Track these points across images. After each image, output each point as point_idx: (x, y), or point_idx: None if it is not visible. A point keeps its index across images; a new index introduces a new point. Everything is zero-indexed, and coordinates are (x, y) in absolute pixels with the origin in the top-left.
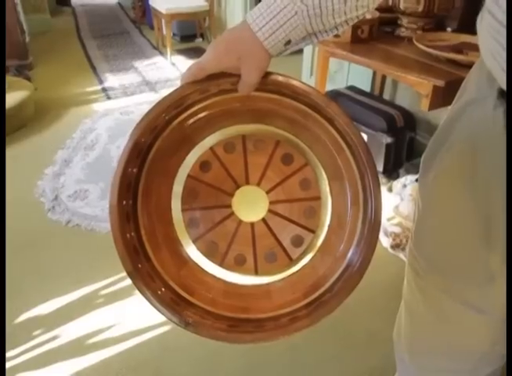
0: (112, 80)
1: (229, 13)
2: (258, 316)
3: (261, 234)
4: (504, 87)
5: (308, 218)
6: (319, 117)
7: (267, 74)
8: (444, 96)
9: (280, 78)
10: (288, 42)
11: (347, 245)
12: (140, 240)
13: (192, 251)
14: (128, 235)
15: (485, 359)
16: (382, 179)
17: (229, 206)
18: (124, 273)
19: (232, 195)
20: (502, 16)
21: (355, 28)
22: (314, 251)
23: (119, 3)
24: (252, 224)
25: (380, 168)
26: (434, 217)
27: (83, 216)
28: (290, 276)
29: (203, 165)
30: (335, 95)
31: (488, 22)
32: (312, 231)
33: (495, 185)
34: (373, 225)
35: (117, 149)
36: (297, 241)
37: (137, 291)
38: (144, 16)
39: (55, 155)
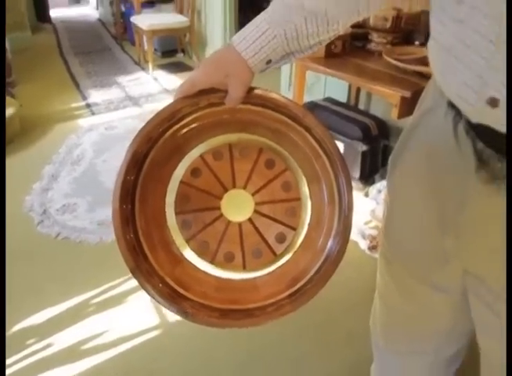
0: (95, 96)
1: (209, 28)
2: (247, 307)
3: (248, 233)
4: (451, 98)
5: (290, 217)
6: (297, 126)
7: (251, 89)
8: (411, 105)
9: (263, 92)
10: (269, 61)
11: (325, 240)
12: (138, 241)
13: (186, 250)
14: (127, 236)
15: (449, 338)
16: (359, 185)
17: (218, 208)
18: (113, 283)
19: (220, 198)
20: (444, 42)
21: (329, 43)
22: (296, 246)
23: (99, 19)
24: (240, 224)
25: (356, 174)
26: (399, 209)
27: (72, 229)
28: (274, 270)
29: (194, 172)
30: (313, 107)
31: (434, 46)
32: (294, 229)
33: (446, 181)
34: (347, 221)
35: (103, 163)
36: (281, 238)
37: (126, 299)
38: (125, 32)
39: (43, 170)
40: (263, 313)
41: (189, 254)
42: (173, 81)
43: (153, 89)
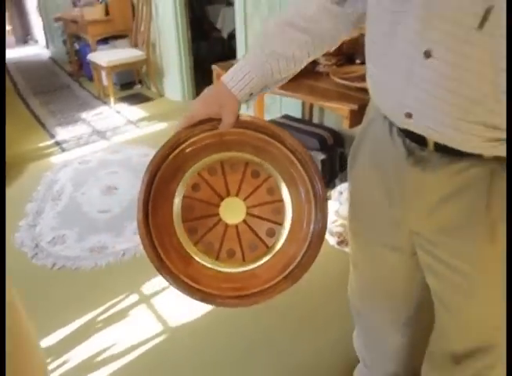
0: (63, 133)
1: (165, 59)
2: (251, 291)
3: (244, 231)
4: (384, 113)
5: (276, 215)
6: (274, 141)
7: (238, 116)
8: (359, 116)
9: (246, 118)
10: (251, 93)
11: (307, 230)
12: (154, 247)
13: (194, 251)
14: (151, 243)
15: (406, 296)
16: None
17: (217, 214)
18: (115, 300)
19: (218, 206)
20: (375, 78)
21: None
22: (283, 238)
23: (51, 58)
24: (236, 225)
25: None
26: (358, 192)
27: (66, 258)
28: (269, 259)
29: (194, 187)
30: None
31: (369, 80)
32: (280, 224)
33: (387, 166)
34: (323, 209)
35: (83, 195)
36: (271, 233)
37: (128, 313)
38: (81, 68)
39: (25, 208)
40: (264, 294)
41: (198, 255)
42: (135, 113)
43: (117, 122)
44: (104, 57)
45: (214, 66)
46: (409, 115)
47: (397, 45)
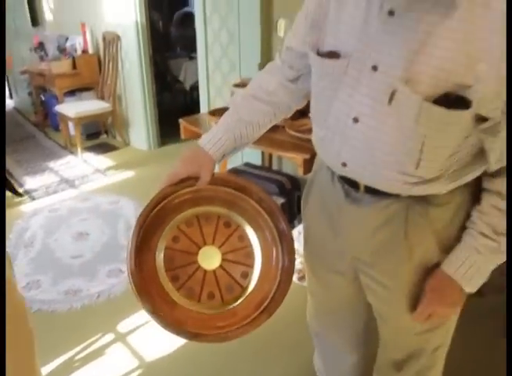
0: (31, 182)
1: (130, 110)
2: (233, 328)
3: (221, 276)
4: (327, 164)
5: (248, 259)
6: (242, 194)
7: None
8: (312, 164)
9: (218, 175)
10: (224, 155)
11: (276, 269)
12: (144, 295)
13: (178, 297)
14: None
15: (354, 316)
16: None
17: (196, 262)
18: (92, 339)
19: (197, 254)
20: (317, 140)
21: None
22: (256, 278)
23: (15, 108)
24: (214, 270)
25: None
26: (310, 228)
27: (42, 302)
28: (245, 298)
29: (174, 238)
30: (235, 172)
31: (313, 139)
32: (252, 266)
33: (330, 205)
34: (289, 248)
35: (55, 242)
36: (244, 275)
37: (105, 352)
38: (46, 119)
39: None
40: (244, 328)
41: (181, 300)
42: (102, 161)
43: (85, 171)
44: (72, 109)
45: (180, 120)
46: (344, 164)
47: (334, 113)
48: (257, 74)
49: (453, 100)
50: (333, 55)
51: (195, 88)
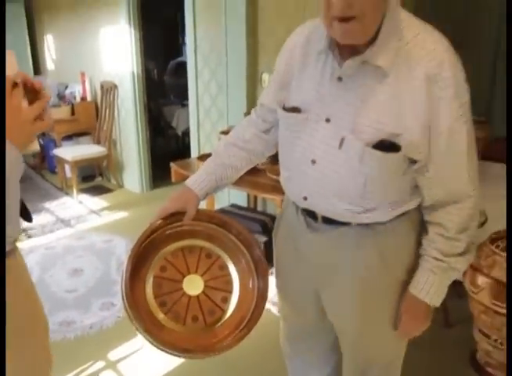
0: None
1: (125, 154)
2: (216, 346)
3: (204, 300)
4: (293, 199)
5: (227, 285)
6: (222, 229)
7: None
8: None
9: (202, 211)
10: (207, 193)
11: (252, 293)
12: (137, 319)
13: (165, 320)
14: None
15: (320, 336)
16: None
17: (182, 289)
18: (84, 366)
19: (182, 282)
20: (283, 173)
21: None
22: (235, 302)
23: None
24: (197, 296)
25: None
26: (279, 257)
27: None
28: (225, 320)
29: (162, 268)
30: (222, 212)
31: (281, 178)
32: (231, 292)
33: (296, 235)
34: (263, 274)
35: (51, 277)
36: (224, 299)
37: None
38: (44, 161)
39: None
40: (227, 345)
41: (168, 323)
42: (97, 203)
43: (81, 211)
44: (69, 153)
45: (172, 164)
46: (305, 198)
47: (296, 156)
48: (237, 125)
49: (388, 145)
50: (295, 110)
51: (187, 133)
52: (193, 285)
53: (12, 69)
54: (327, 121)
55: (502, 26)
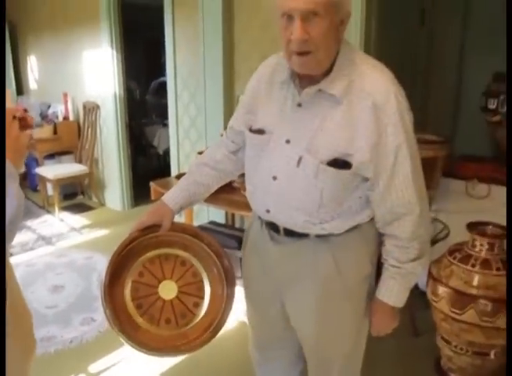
0: None
1: (106, 173)
2: (184, 347)
3: (177, 304)
4: (257, 213)
5: (199, 291)
6: (195, 239)
7: (172, 223)
8: None
9: (178, 224)
10: (182, 208)
11: (221, 298)
12: (116, 321)
13: (141, 322)
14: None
15: (287, 342)
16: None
17: (157, 293)
18: None
19: (157, 287)
20: (249, 189)
21: None
22: (205, 307)
23: None
24: (171, 300)
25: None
26: (247, 267)
27: None
28: (195, 323)
29: (140, 274)
30: (201, 229)
31: (247, 191)
32: (202, 297)
33: (260, 246)
34: (231, 281)
35: (32, 294)
36: (196, 304)
37: None
38: (25, 180)
39: None
40: (196, 345)
41: (144, 324)
42: (79, 220)
43: (62, 229)
44: (51, 171)
45: (151, 183)
46: (268, 211)
47: (259, 173)
48: (210, 146)
49: (340, 163)
50: (260, 131)
51: (168, 152)
52: (168, 290)
53: (8, 102)
54: (287, 142)
55: (462, 51)
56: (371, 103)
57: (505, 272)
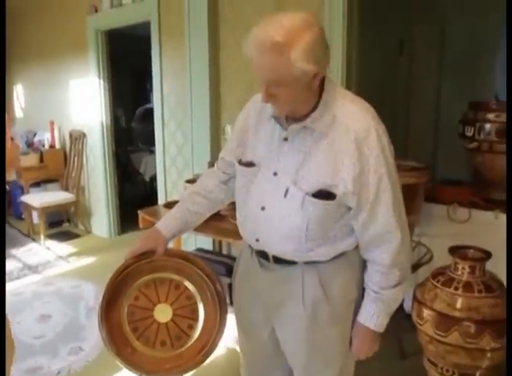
0: None
1: (93, 201)
2: (177, 370)
3: (172, 327)
4: (248, 242)
5: (193, 314)
6: (189, 264)
7: (166, 249)
8: None
9: (171, 250)
10: (174, 235)
11: (215, 321)
12: (113, 344)
13: (137, 344)
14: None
15: (277, 366)
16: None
17: (152, 316)
18: None
19: (153, 310)
20: (239, 218)
21: None
22: (199, 329)
23: None
24: (166, 323)
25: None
26: (238, 295)
27: None
28: (190, 345)
29: (135, 297)
30: None
31: (237, 219)
32: (196, 320)
33: (251, 272)
34: (223, 305)
35: (18, 324)
36: (190, 326)
37: None
38: (9, 208)
39: None
40: (189, 366)
41: (139, 346)
42: (65, 248)
43: (48, 257)
44: (37, 199)
45: (139, 212)
46: (257, 240)
47: (249, 203)
48: (202, 175)
49: (325, 194)
50: (249, 164)
51: (154, 179)
52: (163, 313)
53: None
54: (275, 174)
55: (439, 79)
56: (354, 137)
57: (486, 294)
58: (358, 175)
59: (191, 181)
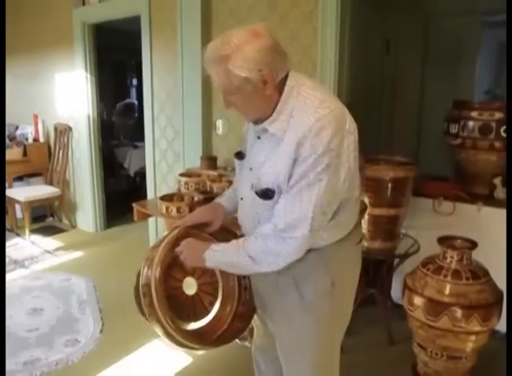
0: None
1: (78, 195)
2: (213, 336)
3: (197, 300)
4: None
5: (214, 291)
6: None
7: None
8: None
9: (223, 225)
10: (234, 208)
11: (233, 299)
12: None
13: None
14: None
15: (267, 340)
16: None
17: (181, 287)
18: None
19: (181, 281)
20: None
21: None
22: (217, 306)
23: None
24: (192, 296)
25: None
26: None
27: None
28: (211, 319)
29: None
30: None
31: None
32: (216, 297)
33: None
34: (244, 289)
35: (10, 318)
36: (211, 303)
37: None
38: None
39: None
40: (224, 337)
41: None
42: (50, 243)
43: (34, 251)
44: (21, 193)
45: (134, 204)
46: (241, 225)
47: (237, 193)
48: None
49: (269, 193)
50: (239, 155)
51: (138, 174)
52: (189, 286)
53: None
54: (250, 169)
55: (424, 77)
56: (297, 138)
57: (473, 281)
58: (290, 165)
59: (185, 174)
